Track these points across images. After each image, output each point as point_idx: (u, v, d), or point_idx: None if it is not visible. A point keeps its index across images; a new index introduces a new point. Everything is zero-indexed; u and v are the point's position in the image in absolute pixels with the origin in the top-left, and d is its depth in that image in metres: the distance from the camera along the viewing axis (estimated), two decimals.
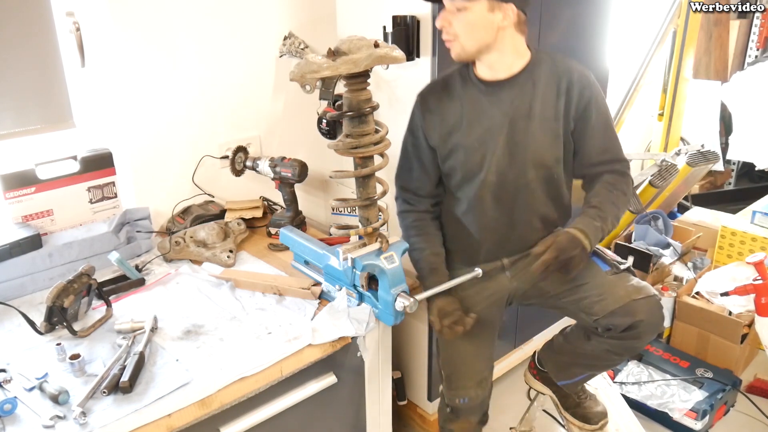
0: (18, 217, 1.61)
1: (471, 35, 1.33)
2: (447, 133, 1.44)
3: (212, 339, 1.34)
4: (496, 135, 1.40)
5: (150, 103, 1.76)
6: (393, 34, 1.64)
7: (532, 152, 1.40)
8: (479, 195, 1.45)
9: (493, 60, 1.38)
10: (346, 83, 1.30)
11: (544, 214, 1.49)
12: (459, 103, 1.43)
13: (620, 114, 2.96)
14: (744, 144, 3.33)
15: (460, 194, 1.49)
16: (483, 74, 1.42)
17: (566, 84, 1.39)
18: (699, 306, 2.39)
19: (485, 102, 1.41)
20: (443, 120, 1.44)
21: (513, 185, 1.43)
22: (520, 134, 1.39)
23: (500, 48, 1.36)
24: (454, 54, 1.38)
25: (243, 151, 1.86)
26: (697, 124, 3.43)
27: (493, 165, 1.41)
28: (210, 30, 1.83)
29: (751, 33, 3.46)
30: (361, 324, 1.37)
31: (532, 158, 1.41)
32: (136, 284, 1.56)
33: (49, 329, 1.34)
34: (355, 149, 1.31)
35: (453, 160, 1.45)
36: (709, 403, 2.10)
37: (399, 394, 2.11)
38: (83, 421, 1.08)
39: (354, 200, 1.39)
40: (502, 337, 2.26)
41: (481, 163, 1.42)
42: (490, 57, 1.37)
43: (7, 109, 1.58)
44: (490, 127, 1.40)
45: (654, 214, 2.80)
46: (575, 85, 1.39)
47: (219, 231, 1.73)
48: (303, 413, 1.37)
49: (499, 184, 1.43)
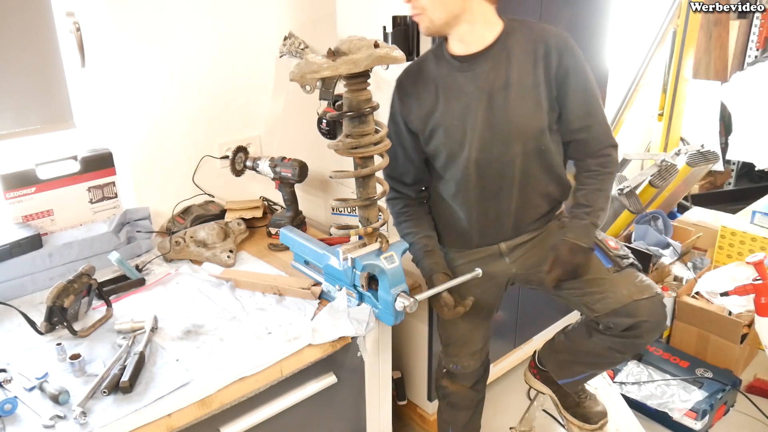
0: (18, 217, 1.61)
1: (438, 6, 1.31)
2: (426, 114, 1.43)
3: (212, 339, 1.34)
4: (475, 110, 1.38)
5: (150, 103, 1.76)
6: (393, 34, 1.64)
7: (514, 124, 1.37)
8: (466, 173, 1.43)
9: (464, 32, 1.35)
10: (346, 83, 1.30)
11: (543, 189, 1.47)
12: (434, 83, 1.42)
13: (620, 114, 2.96)
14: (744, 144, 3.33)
15: (448, 175, 1.47)
16: (456, 50, 1.40)
17: (543, 49, 1.35)
18: (699, 306, 2.39)
19: (460, 78, 1.39)
20: (420, 102, 1.43)
21: (498, 161, 1.40)
22: (499, 107, 1.36)
23: (470, 18, 1.34)
24: (423, 28, 1.36)
25: (243, 151, 1.86)
26: (696, 124, 3.43)
27: (475, 141, 1.39)
28: (210, 30, 1.83)
29: (750, 33, 3.47)
30: (361, 324, 1.37)
31: (516, 130, 1.37)
32: (136, 284, 1.56)
33: (50, 329, 1.34)
34: (355, 149, 1.31)
35: (435, 141, 1.44)
36: (709, 403, 2.10)
37: (399, 394, 2.11)
38: (83, 421, 1.08)
39: (354, 200, 1.39)
40: (502, 337, 2.26)
41: (462, 140, 1.40)
42: (460, 29, 1.35)
43: (7, 109, 1.58)
44: (467, 102, 1.38)
45: (654, 214, 2.80)
46: (553, 49, 1.35)
47: (219, 231, 1.73)
48: (303, 413, 1.37)
49: (485, 161, 1.40)
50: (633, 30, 3.02)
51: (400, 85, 1.47)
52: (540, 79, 1.36)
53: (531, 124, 1.38)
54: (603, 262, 1.46)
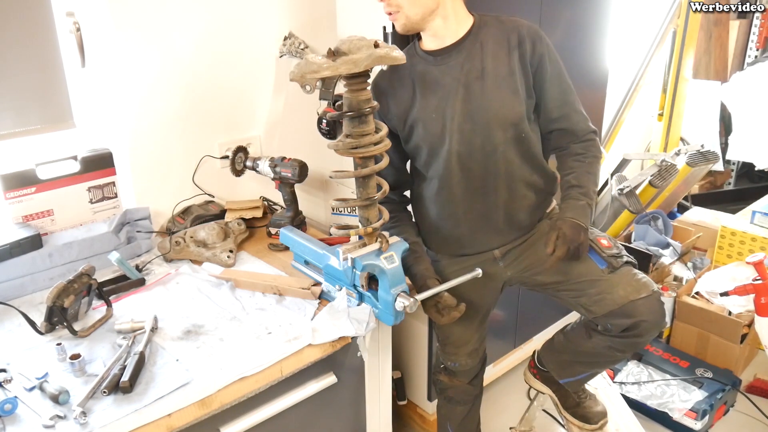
0: (18, 217, 1.61)
1: (414, 3, 1.34)
2: (404, 111, 1.44)
3: (212, 339, 1.34)
4: (453, 101, 1.39)
5: (150, 103, 1.76)
6: (393, 34, 1.64)
7: (493, 112, 1.38)
8: (448, 167, 1.43)
9: (437, 27, 1.38)
10: (346, 83, 1.30)
11: (527, 178, 1.46)
12: (410, 80, 1.43)
13: (620, 114, 2.96)
14: (744, 144, 3.33)
15: (431, 173, 1.47)
16: (429, 46, 1.42)
17: (517, 38, 1.38)
18: (699, 306, 2.39)
19: (435, 72, 1.41)
20: (398, 100, 1.45)
21: (480, 152, 1.41)
22: (476, 96, 1.38)
23: (443, 13, 1.37)
24: (400, 26, 1.38)
25: (243, 151, 1.86)
26: (696, 124, 3.43)
27: (455, 133, 1.40)
28: (210, 30, 1.83)
29: (750, 33, 3.47)
30: (361, 324, 1.37)
31: (495, 118, 1.38)
32: (136, 284, 1.56)
33: (50, 329, 1.34)
34: (355, 149, 1.31)
35: (415, 137, 1.45)
36: (709, 403, 2.11)
37: (399, 394, 2.11)
38: (83, 421, 1.08)
39: (354, 200, 1.39)
40: (502, 337, 2.26)
41: (442, 133, 1.41)
42: (434, 24, 1.38)
43: (7, 109, 1.58)
44: (444, 95, 1.40)
45: (654, 214, 2.80)
46: (526, 38, 1.38)
47: (219, 231, 1.73)
48: (303, 413, 1.37)
49: (466, 153, 1.41)
50: (633, 30, 3.02)
51: (376, 86, 1.47)
52: (515, 66, 1.38)
53: (509, 111, 1.39)
54: (597, 263, 1.45)
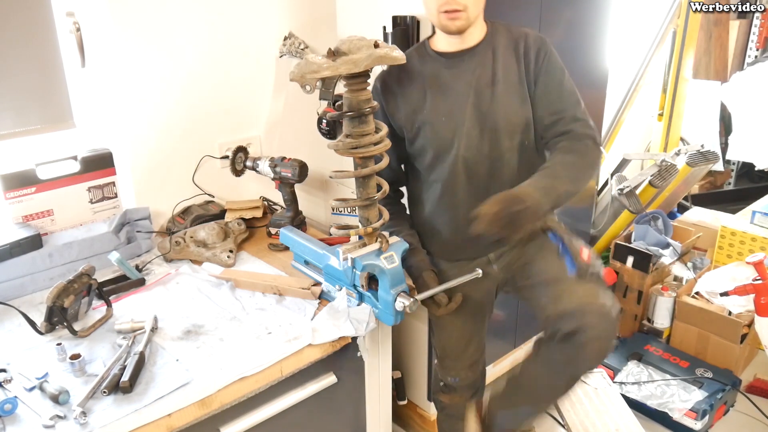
0: (18, 217, 1.61)
1: (478, 3, 1.34)
2: (412, 111, 1.43)
3: (212, 339, 1.34)
4: (463, 106, 1.39)
5: (150, 103, 1.77)
6: (393, 34, 1.64)
7: (502, 118, 1.38)
8: (454, 172, 1.42)
9: (470, 30, 1.38)
10: (346, 83, 1.30)
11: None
12: (420, 80, 1.42)
13: (620, 114, 2.96)
14: (744, 144, 3.33)
15: (434, 176, 1.46)
16: (443, 47, 1.41)
17: (523, 47, 1.39)
18: (699, 306, 2.39)
19: (447, 75, 1.40)
20: (407, 99, 1.43)
21: (487, 159, 1.40)
22: (487, 102, 1.38)
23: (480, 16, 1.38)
24: (457, 25, 1.34)
25: (243, 151, 1.86)
26: (696, 124, 3.43)
27: (464, 138, 1.39)
28: (210, 30, 1.83)
29: (750, 33, 3.47)
30: (361, 324, 1.37)
31: (503, 124, 1.38)
32: (136, 284, 1.56)
33: (50, 329, 1.34)
34: (355, 149, 1.31)
35: (421, 139, 1.43)
36: (709, 403, 2.10)
37: (399, 394, 2.11)
38: (83, 421, 1.08)
39: (354, 200, 1.39)
40: (502, 337, 2.26)
41: (452, 138, 1.40)
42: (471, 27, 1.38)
43: (7, 109, 1.58)
44: (455, 99, 1.39)
45: (654, 214, 2.80)
46: (531, 47, 1.39)
47: (219, 231, 1.73)
48: (303, 413, 1.37)
49: (473, 160, 1.40)
50: (633, 30, 3.02)
51: (383, 84, 1.46)
52: (522, 74, 1.39)
53: (518, 118, 1.39)
54: (567, 266, 1.39)
